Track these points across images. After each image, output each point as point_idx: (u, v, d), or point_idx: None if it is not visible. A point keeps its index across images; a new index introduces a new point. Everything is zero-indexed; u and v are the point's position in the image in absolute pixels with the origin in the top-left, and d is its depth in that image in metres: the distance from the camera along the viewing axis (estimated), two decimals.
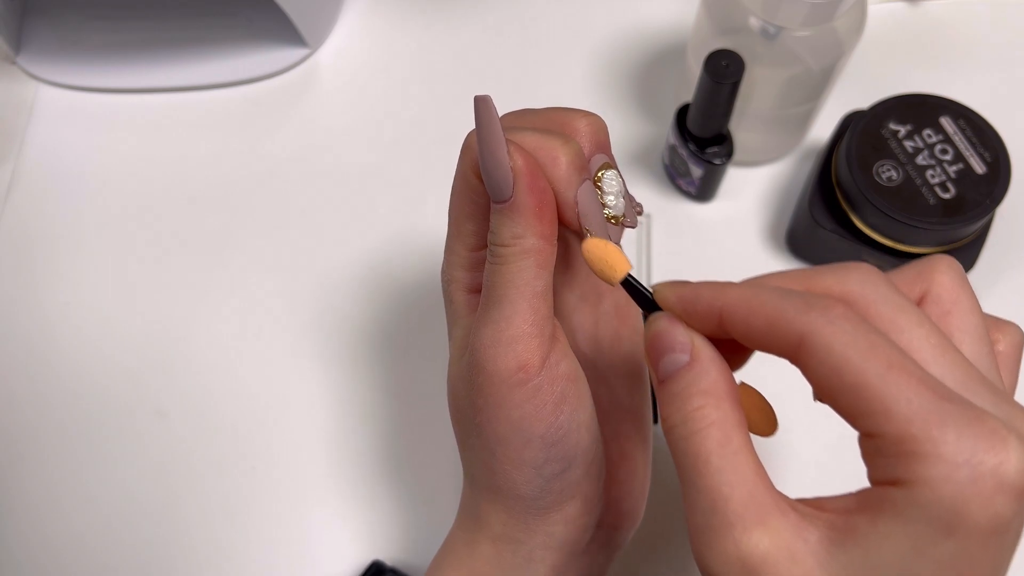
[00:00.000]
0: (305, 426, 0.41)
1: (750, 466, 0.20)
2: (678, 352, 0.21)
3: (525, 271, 0.24)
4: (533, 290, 0.24)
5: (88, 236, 0.45)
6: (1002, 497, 0.18)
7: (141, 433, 0.41)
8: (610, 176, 0.25)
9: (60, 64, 0.49)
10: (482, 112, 0.23)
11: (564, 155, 0.24)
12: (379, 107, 0.48)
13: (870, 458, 0.19)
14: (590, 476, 0.27)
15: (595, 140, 0.26)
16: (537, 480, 0.25)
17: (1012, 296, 0.42)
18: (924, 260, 0.23)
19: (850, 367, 0.19)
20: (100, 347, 0.43)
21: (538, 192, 0.23)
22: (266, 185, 0.46)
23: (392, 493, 0.39)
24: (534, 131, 0.24)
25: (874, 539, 0.18)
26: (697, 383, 0.21)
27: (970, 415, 0.18)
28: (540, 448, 0.25)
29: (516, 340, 0.24)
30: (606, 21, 0.50)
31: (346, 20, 0.51)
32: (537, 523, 0.26)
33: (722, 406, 0.21)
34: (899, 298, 0.21)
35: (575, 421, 0.25)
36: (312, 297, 0.43)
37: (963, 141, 0.38)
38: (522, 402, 0.24)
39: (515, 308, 0.24)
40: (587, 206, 0.24)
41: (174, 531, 0.39)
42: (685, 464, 0.20)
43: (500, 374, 0.24)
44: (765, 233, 0.44)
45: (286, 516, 0.39)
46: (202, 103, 0.49)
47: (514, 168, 0.23)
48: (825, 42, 0.38)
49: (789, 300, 0.20)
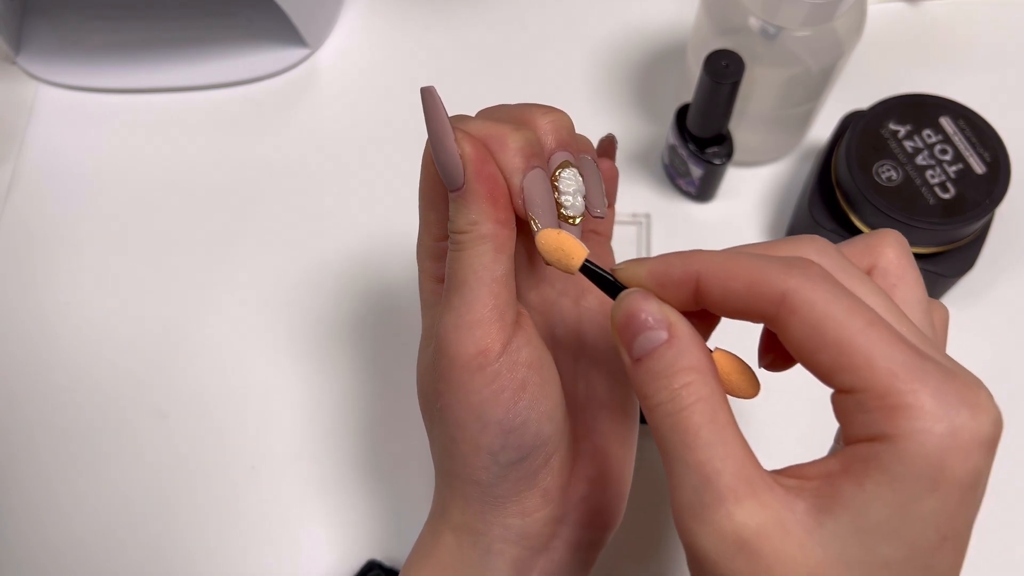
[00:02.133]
0: (304, 426, 0.41)
1: (738, 441, 0.20)
2: (655, 329, 0.21)
3: (483, 255, 0.24)
4: (492, 275, 0.24)
5: (88, 236, 0.45)
6: (978, 450, 0.18)
7: (141, 433, 0.41)
8: (567, 175, 0.25)
9: (60, 64, 0.49)
10: (427, 103, 0.23)
11: (512, 142, 0.24)
12: (379, 107, 0.48)
13: (849, 415, 0.19)
14: (551, 469, 0.26)
15: (557, 137, 0.25)
16: (493, 467, 0.25)
17: (1012, 296, 0.42)
18: (872, 234, 0.24)
19: (832, 322, 0.19)
20: (100, 347, 0.43)
21: (487, 178, 0.23)
22: (266, 185, 0.46)
23: (388, 492, 0.40)
24: (487, 120, 0.24)
25: (861, 501, 0.19)
26: (680, 360, 0.21)
27: (944, 371, 0.19)
28: (497, 434, 0.24)
29: (475, 325, 0.24)
30: (606, 21, 0.50)
31: (346, 20, 0.51)
32: (493, 513, 0.26)
33: (708, 381, 0.20)
34: (853, 268, 0.21)
35: (536, 410, 0.25)
36: (311, 297, 0.43)
37: (963, 141, 0.38)
38: (481, 387, 0.24)
39: (475, 294, 0.24)
40: (534, 194, 0.24)
41: (172, 530, 0.39)
42: (673, 440, 0.20)
43: (460, 358, 0.24)
44: (765, 233, 0.44)
45: (284, 515, 0.39)
46: (202, 103, 0.49)
47: (462, 155, 0.23)
48: (825, 42, 0.38)
49: (768, 261, 0.20)
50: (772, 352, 0.24)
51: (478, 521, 0.26)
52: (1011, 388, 0.38)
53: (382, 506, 0.39)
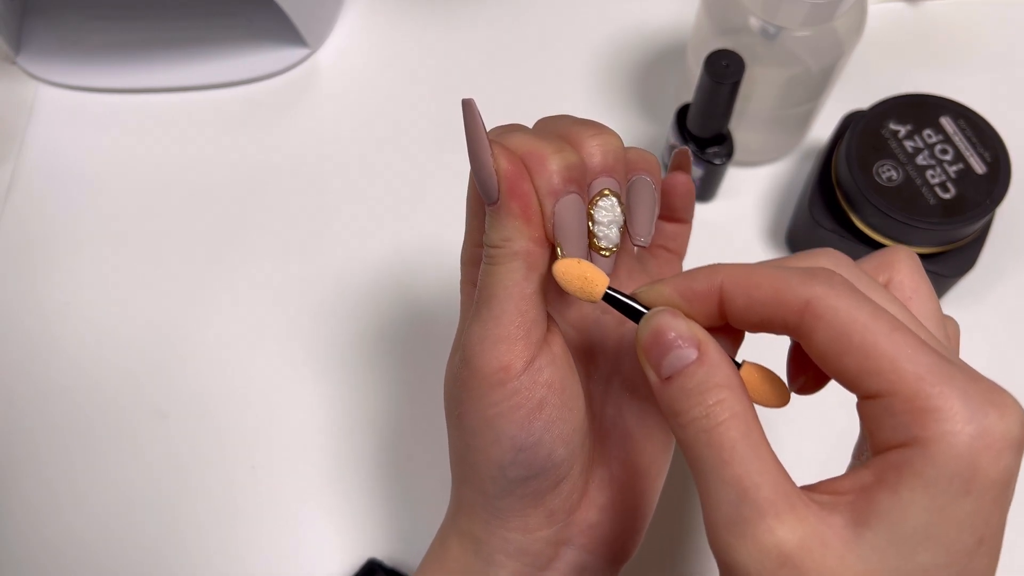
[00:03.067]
0: (304, 426, 0.41)
1: (772, 457, 0.20)
2: (683, 348, 0.21)
3: (514, 272, 0.24)
4: (521, 292, 0.24)
5: (88, 236, 0.45)
6: (1009, 451, 0.18)
7: (141, 433, 0.41)
8: (605, 204, 0.24)
9: (60, 64, 0.49)
10: (466, 115, 0.23)
11: (553, 163, 0.23)
12: (379, 107, 0.48)
13: (877, 421, 0.19)
14: (559, 493, 0.26)
15: (603, 161, 0.24)
16: (501, 480, 0.25)
17: (1012, 296, 0.42)
18: (885, 251, 0.24)
19: (858, 327, 0.19)
20: (100, 347, 0.43)
21: (521, 196, 0.23)
22: (266, 185, 0.46)
23: (389, 492, 0.39)
24: (531, 135, 0.24)
25: (898, 510, 0.19)
26: (712, 377, 0.21)
27: (969, 374, 0.19)
28: (509, 449, 0.24)
29: (500, 340, 0.24)
30: (606, 21, 0.50)
31: (346, 20, 0.51)
32: (496, 525, 0.26)
33: (741, 398, 0.21)
34: (870, 279, 0.22)
35: (551, 432, 0.24)
36: (311, 297, 0.43)
37: (963, 141, 0.38)
38: (499, 401, 0.24)
39: (503, 308, 0.24)
40: (564, 222, 0.23)
41: (173, 530, 0.39)
42: (708, 456, 0.20)
43: (482, 371, 0.24)
44: (765, 233, 0.44)
45: (284, 515, 0.39)
46: (202, 103, 0.49)
47: (497, 170, 0.23)
48: (825, 42, 0.38)
49: (791, 271, 0.21)
50: (803, 374, 0.24)
51: (481, 530, 0.26)
52: (1011, 388, 0.38)
53: (383, 505, 0.39)
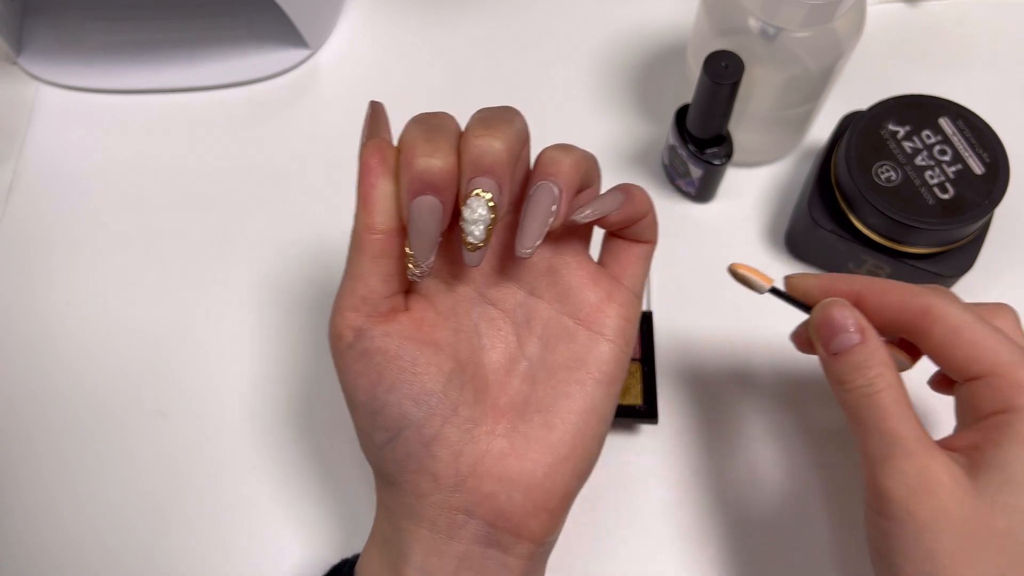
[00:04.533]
0: (304, 426, 0.41)
1: (915, 417, 0.27)
2: (851, 331, 0.28)
3: (358, 251, 0.26)
4: (360, 270, 0.26)
5: (88, 236, 0.46)
6: None
7: (141, 433, 0.41)
8: (472, 204, 0.25)
9: (60, 64, 0.49)
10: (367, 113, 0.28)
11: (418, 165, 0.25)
12: None
13: (980, 396, 0.27)
14: (434, 455, 0.26)
15: (478, 163, 0.25)
16: (372, 447, 0.27)
17: (1011, 296, 0.41)
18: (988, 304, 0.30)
19: (967, 327, 0.28)
20: (100, 347, 0.43)
21: (365, 188, 0.26)
22: (266, 186, 0.46)
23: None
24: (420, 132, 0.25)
25: (1003, 460, 0.26)
26: (874, 356, 0.28)
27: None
28: (366, 415, 0.27)
29: (336, 311, 0.27)
30: (606, 21, 0.50)
31: (347, 21, 0.51)
32: (394, 491, 0.28)
33: (894, 373, 0.28)
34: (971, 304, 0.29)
35: (396, 393, 0.26)
36: (311, 297, 0.43)
37: (962, 142, 0.38)
38: (344, 368, 0.27)
39: (345, 286, 0.27)
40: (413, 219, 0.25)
41: (173, 530, 0.39)
42: (869, 416, 0.27)
43: (330, 338, 0.27)
44: (764, 233, 0.44)
45: (285, 515, 0.39)
46: (202, 103, 0.49)
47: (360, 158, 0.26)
48: (824, 43, 0.38)
49: (912, 285, 0.29)
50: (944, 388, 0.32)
51: (387, 498, 0.28)
52: None
53: None
